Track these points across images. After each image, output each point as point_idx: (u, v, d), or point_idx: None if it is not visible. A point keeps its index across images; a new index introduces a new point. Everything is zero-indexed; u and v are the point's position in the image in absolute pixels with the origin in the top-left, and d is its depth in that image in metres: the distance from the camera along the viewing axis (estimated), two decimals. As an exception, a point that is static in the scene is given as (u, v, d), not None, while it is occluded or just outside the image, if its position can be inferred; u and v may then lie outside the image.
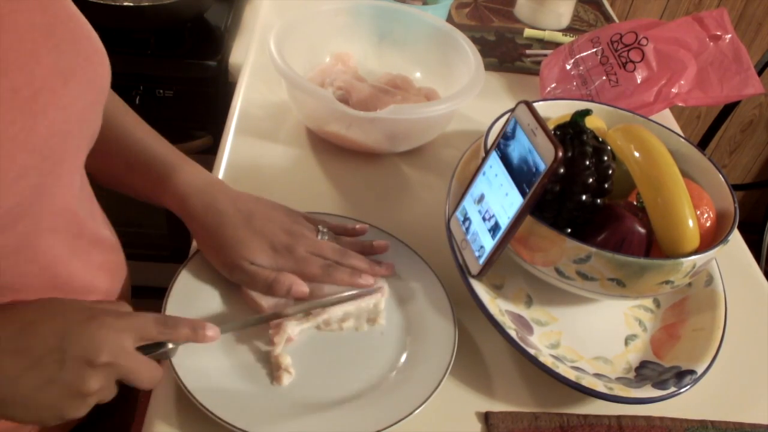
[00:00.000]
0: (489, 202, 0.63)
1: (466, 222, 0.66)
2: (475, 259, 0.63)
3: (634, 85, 0.93)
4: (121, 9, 1.13)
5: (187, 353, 0.57)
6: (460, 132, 0.91)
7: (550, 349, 0.66)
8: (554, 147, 0.55)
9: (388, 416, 0.56)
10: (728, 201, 0.67)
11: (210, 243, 0.65)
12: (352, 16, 0.95)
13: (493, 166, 0.63)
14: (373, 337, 0.64)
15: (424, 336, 0.64)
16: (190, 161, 0.68)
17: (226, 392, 0.56)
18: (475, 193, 0.65)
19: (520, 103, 0.61)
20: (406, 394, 0.58)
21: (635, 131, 0.66)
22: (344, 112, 0.79)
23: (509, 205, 0.60)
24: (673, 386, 0.61)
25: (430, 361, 0.61)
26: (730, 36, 0.96)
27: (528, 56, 1.13)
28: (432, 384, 0.59)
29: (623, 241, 0.62)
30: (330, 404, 0.57)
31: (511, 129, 0.61)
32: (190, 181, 0.66)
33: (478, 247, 0.63)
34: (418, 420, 0.56)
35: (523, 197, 0.58)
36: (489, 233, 0.62)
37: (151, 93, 1.21)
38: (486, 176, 0.64)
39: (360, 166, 0.86)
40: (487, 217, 0.63)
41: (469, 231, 0.65)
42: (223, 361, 0.59)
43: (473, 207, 0.65)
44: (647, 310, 0.72)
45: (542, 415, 0.61)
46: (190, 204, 0.65)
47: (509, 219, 0.59)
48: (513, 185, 0.60)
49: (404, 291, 0.68)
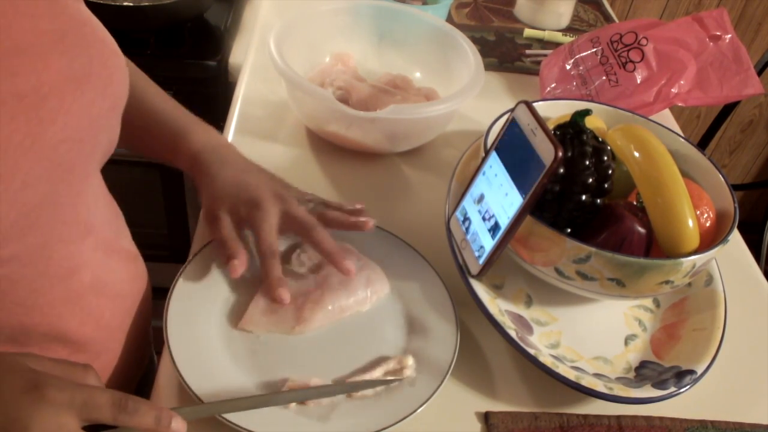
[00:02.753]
0: (489, 202, 0.63)
1: (466, 222, 0.65)
2: (475, 259, 0.63)
3: (634, 85, 0.93)
4: (121, 9, 1.13)
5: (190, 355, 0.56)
6: (460, 132, 0.91)
7: (550, 349, 0.66)
8: (554, 147, 0.55)
9: (389, 416, 0.56)
10: (728, 201, 0.67)
11: (209, 191, 0.66)
12: (352, 16, 0.95)
13: (492, 166, 0.63)
14: (374, 338, 0.64)
15: (425, 336, 0.64)
16: (203, 124, 0.70)
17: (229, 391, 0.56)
18: (474, 193, 0.65)
19: (520, 103, 0.60)
20: (407, 394, 0.58)
21: (635, 131, 0.66)
22: (344, 112, 0.79)
23: (509, 205, 0.60)
24: (673, 386, 0.61)
25: (432, 361, 0.61)
26: (730, 36, 0.96)
27: (528, 56, 1.13)
28: (433, 385, 0.59)
29: (623, 241, 0.62)
30: (332, 404, 0.57)
31: (511, 129, 0.61)
32: (203, 141, 0.68)
33: (477, 247, 0.63)
34: (419, 420, 0.56)
35: (522, 197, 0.58)
36: (489, 233, 0.62)
37: (151, 93, 1.21)
38: (486, 176, 0.64)
39: (360, 166, 0.86)
40: (486, 217, 0.62)
41: (469, 231, 0.65)
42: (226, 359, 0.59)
43: (473, 207, 0.65)
44: (647, 310, 0.72)
45: (542, 415, 0.61)
46: (201, 159, 0.67)
47: (509, 219, 0.59)
48: (513, 185, 0.60)
49: (406, 290, 0.68)
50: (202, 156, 0.67)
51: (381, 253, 0.70)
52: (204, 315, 0.62)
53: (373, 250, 0.70)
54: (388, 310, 0.66)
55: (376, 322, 0.65)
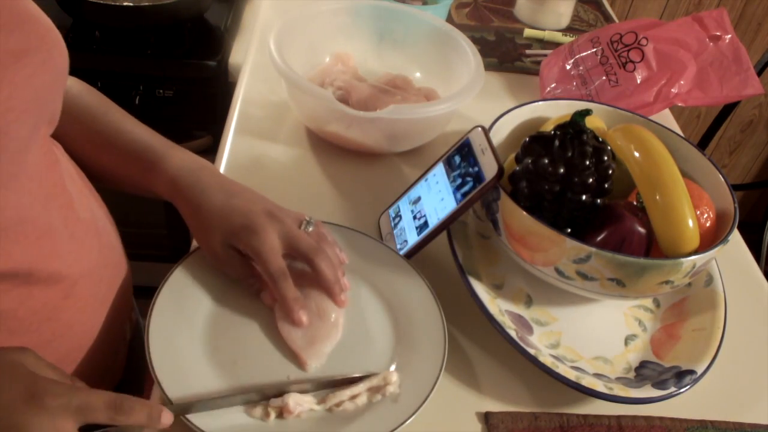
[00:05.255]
0: (424, 204, 0.72)
1: (397, 218, 0.75)
2: None
3: (634, 85, 0.93)
4: (121, 9, 1.13)
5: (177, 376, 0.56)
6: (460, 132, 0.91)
7: (550, 349, 0.66)
8: (498, 165, 0.64)
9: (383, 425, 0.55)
10: (728, 201, 0.67)
11: (196, 227, 0.64)
12: (352, 16, 0.95)
13: (436, 174, 0.73)
14: (361, 351, 0.62)
15: (412, 350, 0.62)
16: (178, 147, 0.68)
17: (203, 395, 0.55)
18: (412, 195, 0.75)
19: (477, 127, 0.69)
20: (389, 410, 0.57)
21: (635, 131, 0.67)
22: (344, 112, 0.79)
23: (442, 208, 0.69)
24: (673, 386, 0.61)
25: (417, 377, 0.59)
26: (730, 36, 0.96)
27: (528, 56, 1.13)
28: (416, 402, 0.57)
29: (623, 241, 0.62)
30: (312, 419, 0.56)
31: (463, 146, 0.70)
32: (180, 165, 0.65)
33: (401, 241, 0.72)
34: (419, 420, 0.56)
35: (456, 203, 0.67)
36: (416, 230, 0.71)
37: (151, 93, 1.21)
38: (428, 182, 0.73)
39: (360, 166, 0.86)
40: (418, 216, 0.71)
41: (396, 227, 0.74)
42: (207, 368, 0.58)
43: (407, 207, 0.74)
44: (647, 310, 0.72)
45: (542, 415, 0.61)
46: (179, 186, 0.64)
47: (439, 220, 0.68)
48: (450, 192, 0.69)
49: (396, 304, 0.66)
50: (180, 181, 0.64)
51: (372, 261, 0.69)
52: (187, 325, 0.60)
53: (362, 258, 0.69)
54: (378, 322, 0.64)
55: (362, 336, 0.63)
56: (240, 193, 0.64)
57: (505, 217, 0.64)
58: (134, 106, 1.20)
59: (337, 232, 0.70)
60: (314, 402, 0.56)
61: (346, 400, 0.57)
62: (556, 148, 0.62)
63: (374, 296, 0.66)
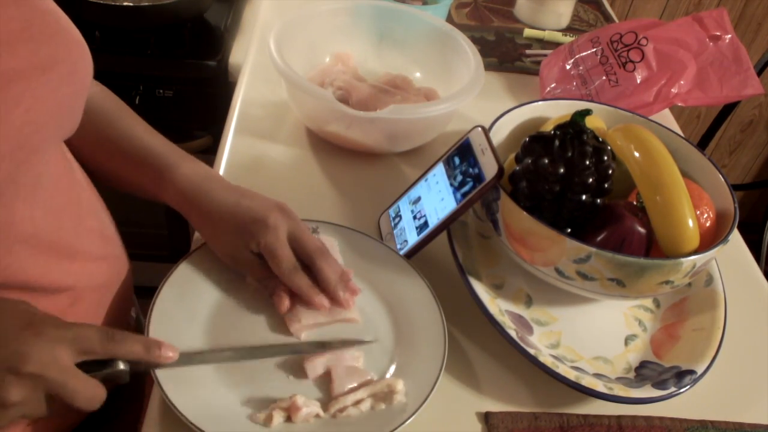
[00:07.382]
0: (424, 204, 0.72)
1: (397, 218, 0.74)
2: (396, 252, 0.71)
3: (634, 85, 0.93)
4: (121, 9, 1.13)
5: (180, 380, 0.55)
6: (460, 132, 0.91)
7: (549, 349, 0.66)
8: (498, 165, 0.64)
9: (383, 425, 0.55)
10: (728, 201, 0.67)
11: (210, 233, 0.64)
12: (352, 16, 0.95)
13: (436, 175, 0.73)
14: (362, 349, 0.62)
15: (413, 342, 0.62)
16: (188, 156, 0.68)
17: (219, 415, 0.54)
18: (412, 195, 0.75)
19: (477, 127, 0.69)
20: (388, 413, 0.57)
21: (635, 131, 0.67)
22: (344, 112, 0.79)
23: (442, 208, 0.68)
24: (673, 386, 0.61)
25: (416, 379, 0.59)
26: (730, 36, 0.96)
27: (528, 56, 1.13)
28: (425, 390, 0.57)
29: (623, 241, 0.62)
30: (317, 423, 0.56)
31: (463, 146, 0.70)
32: (189, 175, 0.65)
33: (401, 241, 0.72)
34: (419, 420, 0.56)
35: (456, 203, 0.67)
36: (416, 230, 0.70)
37: (151, 93, 1.21)
38: (428, 182, 0.73)
39: (360, 166, 0.86)
40: (418, 216, 0.71)
41: (397, 227, 0.73)
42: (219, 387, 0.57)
43: (407, 207, 0.74)
44: (647, 310, 0.72)
45: (542, 415, 0.61)
46: (189, 197, 0.64)
47: (439, 220, 0.68)
48: (450, 192, 0.68)
49: (391, 296, 0.66)
50: (188, 192, 0.65)
51: (372, 261, 0.69)
52: (187, 324, 0.60)
53: (362, 258, 0.69)
54: (378, 323, 0.64)
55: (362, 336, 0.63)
56: (249, 195, 0.65)
57: (505, 217, 0.64)
58: (134, 106, 1.18)
59: (337, 232, 0.71)
60: (318, 406, 0.56)
61: (349, 405, 0.57)
62: (556, 148, 0.62)
63: (374, 296, 0.66)
